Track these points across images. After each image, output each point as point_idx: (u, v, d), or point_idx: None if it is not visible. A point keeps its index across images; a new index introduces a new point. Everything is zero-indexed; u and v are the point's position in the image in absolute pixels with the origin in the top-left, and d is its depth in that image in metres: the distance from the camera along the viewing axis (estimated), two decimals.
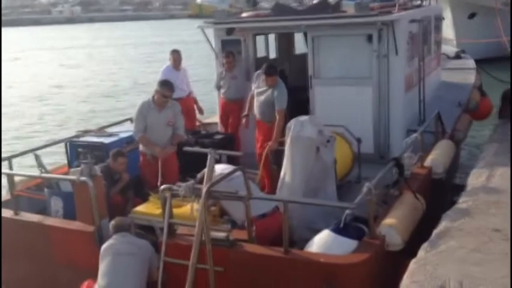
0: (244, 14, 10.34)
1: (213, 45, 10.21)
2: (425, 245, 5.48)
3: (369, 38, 8.99)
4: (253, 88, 8.69)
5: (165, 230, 5.80)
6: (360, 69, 9.23)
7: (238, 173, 6.41)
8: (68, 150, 8.37)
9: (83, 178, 6.36)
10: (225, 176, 5.74)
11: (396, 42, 8.76)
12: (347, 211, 5.52)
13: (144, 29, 73.69)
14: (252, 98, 8.70)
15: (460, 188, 7.56)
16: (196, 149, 6.86)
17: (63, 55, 46.43)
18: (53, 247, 6.72)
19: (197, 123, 10.93)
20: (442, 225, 5.96)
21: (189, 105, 10.47)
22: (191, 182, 5.75)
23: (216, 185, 5.84)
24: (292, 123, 6.74)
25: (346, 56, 9.31)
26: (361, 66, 9.20)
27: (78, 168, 7.00)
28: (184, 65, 10.53)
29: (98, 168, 6.98)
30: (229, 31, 9.93)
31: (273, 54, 12.31)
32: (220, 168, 6.74)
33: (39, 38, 67.24)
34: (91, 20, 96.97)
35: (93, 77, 33.15)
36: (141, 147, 7.88)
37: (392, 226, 5.66)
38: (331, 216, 6.23)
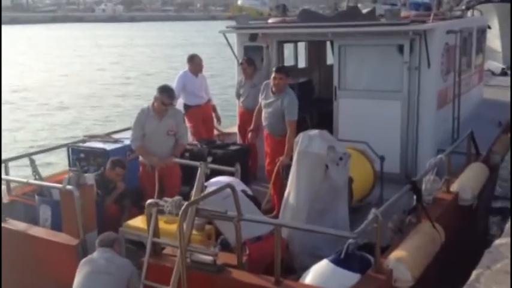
0: (270, 20, 9.79)
1: (236, 52, 9.71)
2: None
3: (400, 48, 8.33)
4: (260, 100, 8.08)
5: (148, 250, 5.25)
6: (389, 82, 8.57)
7: (239, 189, 5.85)
8: (70, 156, 7.94)
9: (69, 187, 5.88)
10: (212, 194, 5.14)
11: (429, 54, 8.06)
12: (349, 240, 4.84)
13: (185, 29, 74.17)
14: (260, 111, 8.10)
15: (497, 219, 6.79)
16: (186, 161, 6.30)
17: (103, 54, 46.93)
18: (38, 259, 6.26)
19: (216, 133, 10.39)
20: (483, 264, 5.13)
21: (207, 113, 9.94)
22: (178, 197, 5.17)
23: (208, 202, 5.29)
24: (300, 137, 6.10)
25: (374, 67, 8.67)
26: (390, 78, 8.55)
27: (86, 174, 6.62)
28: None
29: (91, 176, 6.53)
30: (253, 37, 9.40)
31: (302, 64, 11.74)
32: (220, 183, 6.20)
33: (80, 36, 68.39)
34: (133, 20, 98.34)
35: (124, 76, 33.17)
36: (140, 157, 7.37)
37: (402, 260, 4.95)
38: (339, 242, 5.54)
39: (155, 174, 7.12)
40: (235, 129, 10.25)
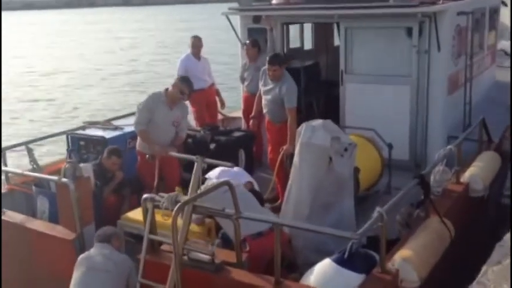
0: (274, 1, 9.46)
1: (239, 34, 9.44)
2: None
3: (409, 31, 8.04)
4: (260, 86, 7.83)
5: (144, 247, 5.05)
6: (397, 66, 8.30)
7: (238, 182, 5.67)
8: (69, 143, 7.74)
9: (64, 180, 5.69)
10: (208, 191, 4.91)
11: (439, 37, 7.76)
12: (352, 241, 4.61)
13: (197, 12, 73.23)
14: (260, 97, 7.85)
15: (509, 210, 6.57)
16: (183, 155, 6.09)
17: (115, 39, 46.48)
18: (34, 252, 6.10)
19: (220, 117, 10.16)
20: (494, 259, 4.90)
21: (210, 97, 9.68)
22: (174, 193, 4.96)
23: (208, 196, 5.08)
24: (302, 128, 5.86)
25: (382, 50, 8.39)
26: (398, 62, 8.28)
27: (84, 164, 6.49)
28: (203, 54, 9.70)
29: (89, 167, 6.36)
30: (256, 19, 9.13)
31: (308, 45, 11.43)
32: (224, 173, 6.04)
33: (93, 20, 67.74)
34: (146, 3, 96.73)
35: (135, 62, 32.81)
36: (138, 145, 7.12)
37: (408, 259, 4.73)
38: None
39: (155, 164, 6.92)
40: (240, 113, 10.03)
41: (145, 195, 5.12)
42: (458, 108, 8.61)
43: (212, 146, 8.38)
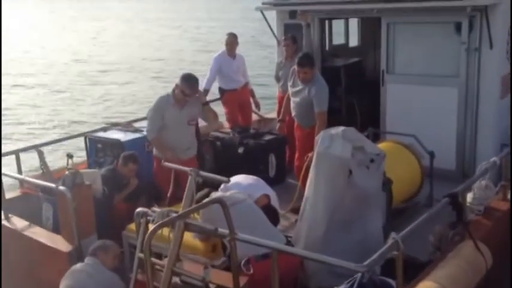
0: None
1: (275, 30, 8.87)
2: None
3: (457, 26, 7.27)
4: (288, 87, 7.23)
5: (135, 266, 4.58)
6: (444, 66, 7.58)
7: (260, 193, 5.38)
8: (88, 146, 7.41)
9: (61, 187, 5.29)
10: (201, 207, 4.39)
11: (491, 33, 6.94)
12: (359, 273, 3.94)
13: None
14: (289, 99, 7.26)
15: None
16: (176, 166, 5.58)
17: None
18: (35, 263, 5.76)
19: (257, 118, 9.60)
20: None
21: (244, 98, 9.13)
22: (166, 209, 4.47)
23: (212, 211, 4.57)
24: (320, 136, 5.22)
25: (427, 48, 7.68)
26: (446, 61, 7.56)
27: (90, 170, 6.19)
28: (239, 51, 9.14)
29: (96, 173, 5.98)
30: (293, 14, 8.54)
31: (354, 42, 10.73)
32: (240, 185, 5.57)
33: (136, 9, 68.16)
34: None
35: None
36: (154, 150, 6.76)
37: None
38: (366, 256, 4.59)
39: (171, 170, 6.47)
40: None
41: (138, 209, 4.65)
42: None
43: (240, 149, 7.89)
